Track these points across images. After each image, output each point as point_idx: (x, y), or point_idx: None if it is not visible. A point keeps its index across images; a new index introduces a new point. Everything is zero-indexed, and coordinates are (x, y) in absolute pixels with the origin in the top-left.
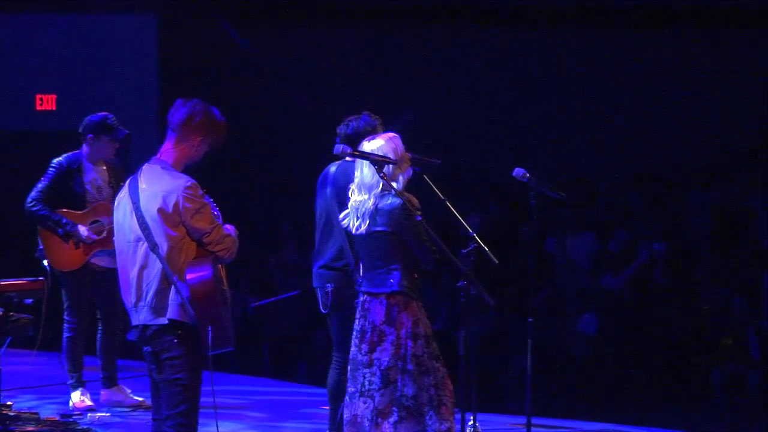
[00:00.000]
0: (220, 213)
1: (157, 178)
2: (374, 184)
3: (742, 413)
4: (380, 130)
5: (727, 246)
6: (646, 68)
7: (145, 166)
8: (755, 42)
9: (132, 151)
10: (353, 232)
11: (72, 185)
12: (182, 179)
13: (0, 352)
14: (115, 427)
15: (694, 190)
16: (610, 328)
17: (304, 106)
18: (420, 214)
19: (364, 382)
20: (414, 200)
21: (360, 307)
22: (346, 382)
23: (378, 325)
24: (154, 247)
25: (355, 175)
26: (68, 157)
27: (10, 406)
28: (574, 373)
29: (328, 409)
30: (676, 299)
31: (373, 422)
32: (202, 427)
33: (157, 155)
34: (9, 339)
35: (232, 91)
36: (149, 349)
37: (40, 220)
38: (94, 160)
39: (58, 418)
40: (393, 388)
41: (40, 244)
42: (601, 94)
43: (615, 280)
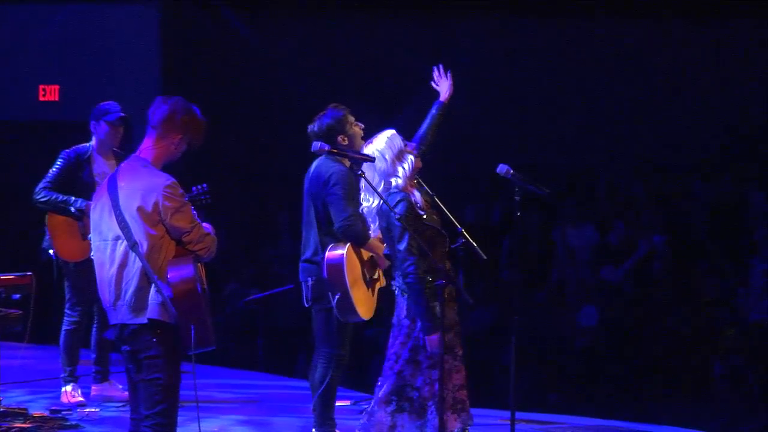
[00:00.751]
0: (197, 212)
1: (137, 176)
2: (376, 185)
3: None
4: (349, 119)
5: (729, 237)
6: (648, 59)
7: (123, 164)
8: (760, 32)
9: (135, 142)
10: (374, 234)
11: (81, 176)
12: (162, 177)
13: None
14: (104, 423)
15: (697, 181)
16: (611, 321)
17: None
18: (425, 212)
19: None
20: (410, 191)
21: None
22: (328, 377)
23: (402, 318)
24: (133, 246)
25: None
26: (77, 148)
27: None
28: (574, 365)
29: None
30: (677, 292)
31: (372, 410)
32: (191, 423)
33: (137, 152)
34: None
35: (234, 80)
36: (128, 349)
37: (52, 205)
38: (104, 152)
39: (47, 414)
40: (400, 377)
41: (47, 234)
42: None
43: (615, 272)
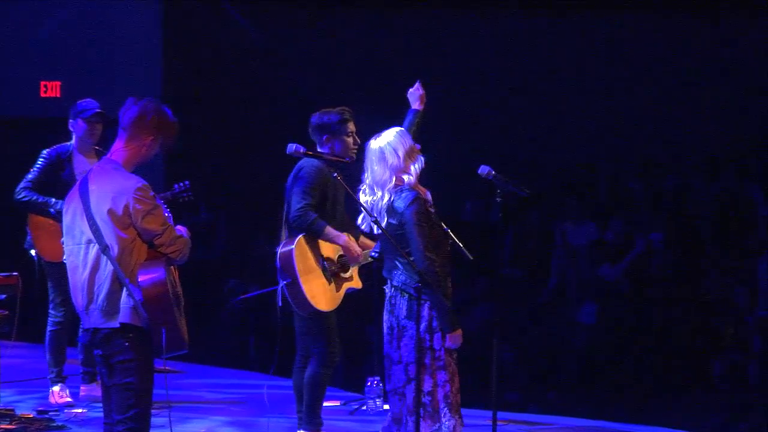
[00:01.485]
0: (171, 214)
1: (108, 179)
2: (386, 180)
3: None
4: (347, 126)
5: (730, 235)
6: (650, 55)
7: (95, 166)
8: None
9: None
10: (373, 232)
11: (61, 175)
12: (133, 180)
13: None
14: (92, 424)
15: (697, 178)
16: (610, 318)
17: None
18: (433, 209)
19: (395, 380)
20: (422, 191)
21: (387, 303)
22: (318, 376)
23: (402, 319)
24: (105, 249)
25: (365, 176)
26: (58, 148)
27: None
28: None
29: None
30: (676, 289)
31: (404, 422)
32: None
33: (108, 155)
34: None
35: (237, 75)
36: (100, 353)
37: (32, 206)
38: (85, 151)
39: (33, 415)
40: (416, 384)
41: (28, 234)
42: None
43: (612, 270)
